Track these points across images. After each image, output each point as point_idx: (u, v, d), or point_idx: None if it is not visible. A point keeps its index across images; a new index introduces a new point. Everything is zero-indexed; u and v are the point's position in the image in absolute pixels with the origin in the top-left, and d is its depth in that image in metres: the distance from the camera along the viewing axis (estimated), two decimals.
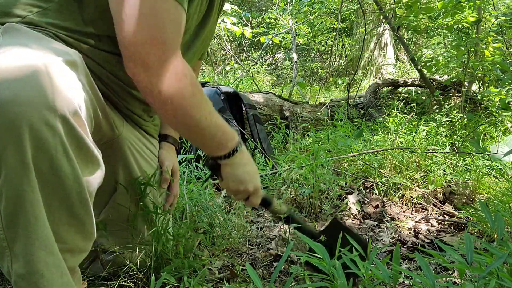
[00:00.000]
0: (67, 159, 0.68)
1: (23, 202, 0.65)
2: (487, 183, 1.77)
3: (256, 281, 0.74)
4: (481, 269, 0.73)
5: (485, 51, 3.07)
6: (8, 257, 0.67)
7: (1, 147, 0.63)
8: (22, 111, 0.62)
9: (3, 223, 0.66)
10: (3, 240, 0.66)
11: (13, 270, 0.67)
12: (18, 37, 0.75)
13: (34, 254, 0.67)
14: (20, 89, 0.63)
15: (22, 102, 0.62)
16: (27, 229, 0.66)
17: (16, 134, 0.62)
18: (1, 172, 0.64)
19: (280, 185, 1.82)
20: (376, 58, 6.97)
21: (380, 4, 3.46)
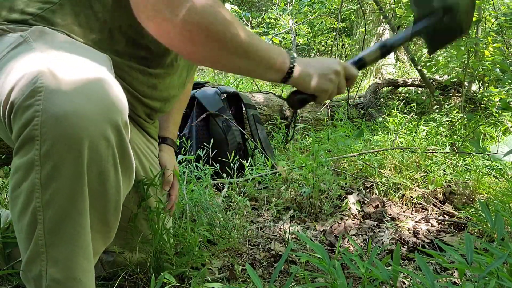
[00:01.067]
0: (115, 170, 0.70)
1: (74, 211, 0.66)
2: (487, 183, 1.77)
3: (256, 281, 0.74)
4: (481, 269, 0.73)
5: (485, 51, 3.07)
6: (43, 261, 0.67)
7: (59, 158, 0.63)
8: (84, 124, 0.63)
9: (45, 229, 0.66)
10: (42, 245, 0.67)
11: (47, 274, 0.68)
12: (53, 43, 0.74)
13: (74, 261, 0.68)
14: (80, 101, 0.63)
15: (83, 115, 0.63)
16: (72, 237, 0.67)
17: (77, 147, 0.63)
18: (55, 181, 0.64)
19: (280, 185, 1.82)
20: None
21: (380, 4, 3.46)
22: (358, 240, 1.43)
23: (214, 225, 1.37)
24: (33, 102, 0.62)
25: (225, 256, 1.26)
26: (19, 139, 0.64)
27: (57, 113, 0.62)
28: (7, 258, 1.07)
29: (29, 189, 0.65)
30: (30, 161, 0.64)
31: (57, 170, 0.64)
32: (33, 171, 0.64)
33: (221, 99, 2.24)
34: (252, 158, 2.24)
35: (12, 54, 0.72)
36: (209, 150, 1.92)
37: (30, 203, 0.66)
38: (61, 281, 0.68)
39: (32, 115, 0.62)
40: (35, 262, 0.68)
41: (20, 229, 0.69)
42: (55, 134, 0.62)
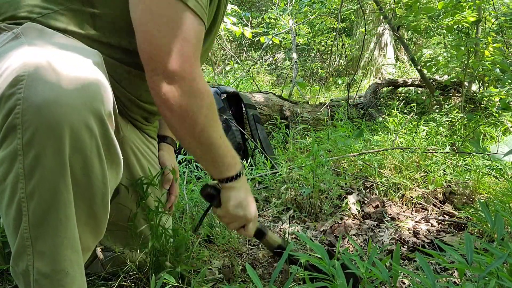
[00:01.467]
0: (99, 160, 0.69)
1: (57, 202, 0.66)
2: (487, 183, 1.77)
3: (256, 281, 0.74)
4: (481, 269, 0.73)
5: (485, 51, 3.07)
6: (29, 255, 0.67)
7: (41, 147, 0.63)
8: (64, 112, 0.63)
9: (29, 221, 0.66)
10: (27, 239, 0.66)
11: (34, 269, 0.67)
12: (43, 37, 0.75)
13: (61, 253, 0.68)
14: (62, 89, 0.63)
15: (64, 103, 0.63)
16: (57, 228, 0.66)
17: (58, 135, 0.63)
18: (37, 171, 0.64)
19: (280, 185, 1.82)
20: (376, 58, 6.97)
21: (380, 4, 3.46)
22: (358, 240, 1.43)
23: (214, 225, 1.37)
24: (15, 91, 0.62)
25: (225, 256, 1.26)
26: (3, 129, 0.63)
27: (38, 101, 0.61)
28: (7, 257, 1.07)
29: (13, 180, 0.64)
30: (13, 151, 0.63)
31: (39, 159, 0.63)
32: (16, 161, 0.63)
33: (221, 99, 2.24)
34: (252, 158, 2.24)
35: (2, 50, 0.73)
36: None
37: (15, 195, 0.65)
38: (48, 274, 0.67)
39: (14, 104, 0.62)
40: (21, 257, 0.67)
41: (8, 223, 0.68)
42: (36, 122, 0.62)
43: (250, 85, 5.31)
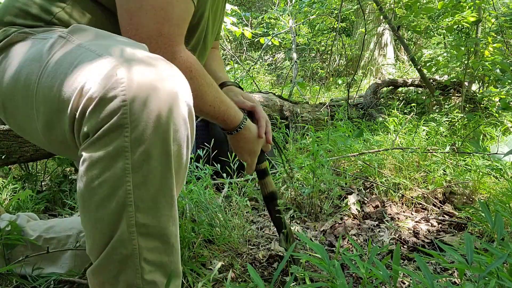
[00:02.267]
0: (187, 149, 0.75)
1: (164, 186, 0.71)
2: (487, 183, 1.77)
3: (258, 281, 0.74)
4: (481, 269, 0.73)
5: (485, 51, 3.07)
6: (134, 239, 0.70)
7: (150, 142, 0.67)
8: (169, 108, 0.68)
9: (135, 209, 0.69)
10: (133, 225, 0.70)
11: (141, 249, 0.71)
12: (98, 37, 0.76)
13: (168, 229, 0.74)
14: (162, 88, 0.67)
15: (167, 99, 0.67)
16: (164, 208, 0.72)
17: (165, 129, 0.68)
18: (146, 163, 0.68)
19: (280, 185, 1.82)
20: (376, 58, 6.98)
21: (380, 4, 3.46)
22: (358, 240, 1.43)
23: (214, 225, 1.37)
24: (118, 93, 0.65)
25: (225, 256, 1.26)
26: (101, 131, 0.66)
27: (144, 100, 0.66)
28: (8, 259, 1.07)
29: (117, 176, 0.67)
30: (117, 149, 0.66)
31: (149, 153, 0.68)
32: (121, 158, 0.67)
33: None
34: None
35: (61, 55, 0.74)
36: (209, 150, 1.92)
37: (118, 189, 0.68)
38: (157, 247, 0.73)
39: (119, 104, 0.65)
40: (124, 244, 0.70)
41: (99, 218, 0.70)
42: (145, 120, 0.66)
43: (250, 85, 5.32)
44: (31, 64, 0.77)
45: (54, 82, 0.72)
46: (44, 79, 0.74)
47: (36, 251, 1.08)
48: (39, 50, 0.77)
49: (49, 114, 0.74)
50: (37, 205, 1.63)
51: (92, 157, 0.67)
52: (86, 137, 0.68)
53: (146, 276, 0.73)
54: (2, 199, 1.63)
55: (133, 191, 0.68)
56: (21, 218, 1.15)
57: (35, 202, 1.64)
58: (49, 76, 0.73)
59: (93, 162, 0.68)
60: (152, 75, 0.67)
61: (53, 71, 0.73)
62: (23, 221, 1.13)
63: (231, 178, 1.84)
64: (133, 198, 0.69)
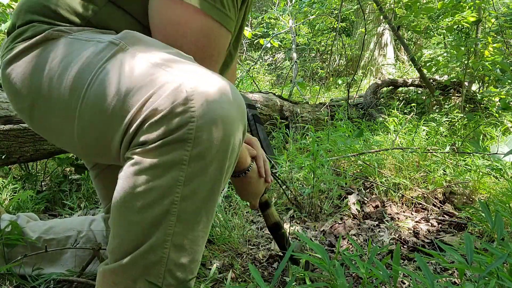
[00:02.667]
0: (233, 165, 0.77)
1: (209, 202, 0.73)
2: (487, 183, 1.77)
3: (259, 281, 0.74)
4: (481, 269, 0.73)
5: (485, 51, 3.07)
6: (166, 248, 0.71)
7: (209, 159, 0.69)
8: (232, 128, 0.70)
9: (177, 219, 0.70)
10: (169, 234, 0.70)
11: (169, 260, 0.72)
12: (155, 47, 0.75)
13: (200, 246, 0.75)
14: (228, 107, 0.69)
15: (231, 120, 0.70)
16: (202, 224, 0.73)
17: (225, 149, 0.70)
18: (198, 178, 0.69)
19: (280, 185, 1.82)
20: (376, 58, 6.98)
21: (380, 4, 3.46)
22: (358, 240, 1.43)
23: (214, 225, 1.37)
24: (187, 109, 0.66)
25: (225, 256, 1.26)
26: (161, 141, 0.67)
27: (213, 119, 0.67)
28: (8, 259, 1.07)
29: (167, 185, 0.68)
30: (175, 160, 0.67)
31: (205, 169, 0.70)
32: (175, 169, 0.68)
33: None
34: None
35: (117, 64, 0.72)
36: None
37: (165, 198, 0.69)
38: (184, 265, 0.74)
39: (186, 120, 0.66)
40: (155, 250, 0.71)
41: (135, 221, 0.70)
42: (211, 139, 0.68)
43: (250, 85, 5.32)
44: (79, 67, 0.74)
45: (108, 90, 0.70)
46: (96, 86, 0.71)
47: (35, 251, 1.08)
48: (87, 54, 0.74)
49: (97, 120, 0.72)
50: (37, 205, 1.63)
51: (145, 161, 0.68)
52: (140, 145, 0.68)
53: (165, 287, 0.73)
54: (2, 199, 1.63)
55: (180, 202, 0.69)
56: (21, 219, 1.15)
57: (35, 202, 1.64)
58: (102, 83, 0.71)
59: (145, 167, 0.68)
60: (219, 96, 0.69)
61: (107, 79, 0.71)
62: (23, 222, 1.13)
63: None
64: (178, 209, 0.70)
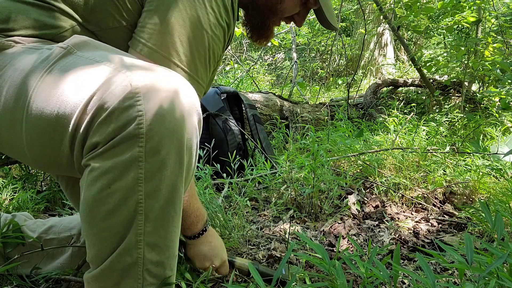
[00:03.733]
0: (195, 158, 0.76)
1: (174, 197, 0.72)
2: (487, 183, 1.77)
3: (259, 281, 0.74)
4: (481, 269, 0.73)
5: (485, 51, 3.07)
6: (140, 248, 0.71)
7: (166, 152, 0.68)
8: (183, 118, 0.69)
9: (145, 218, 0.70)
10: (140, 234, 0.70)
11: (145, 260, 0.71)
12: (102, 48, 0.76)
13: (173, 241, 0.75)
14: (176, 98, 0.68)
15: (181, 110, 0.68)
16: (172, 219, 0.73)
17: (180, 140, 0.69)
18: (159, 173, 0.68)
19: (280, 185, 1.82)
20: (376, 58, 6.98)
21: (380, 4, 3.46)
22: (358, 240, 1.43)
23: (214, 225, 1.37)
24: (133, 103, 0.65)
25: None
26: (113, 140, 0.66)
27: (160, 111, 0.66)
28: (7, 259, 1.07)
29: (129, 185, 0.67)
30: (130, 159, 0.66)
31: (163, 163, 0.68)
32: (133, 168, 0.67)
33: (221, 99, 2.24)
34: (252, 158, 2.24)
35: (62, 65, 0.71)
36: (209, 150, 1.92)
37: (129, 198, 0.68)
38: (161, 262, 0.73)
39: (135, 114, 0.65)
40: (130, 252, 0.70)
41: (106, 227, 0.69)
42: (162, 131, 0.67)
43: (250, 85, 5.32)
44: (24, 74, 0.73)
45: (52, 93, 0.69)
46: (40, 90, 0.70)
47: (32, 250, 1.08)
48: (34, 60, 0.74)
49: (43, 126, 0.71)
50: (37, 205, 1.63)
51: (103, 167, 0.67)
52: (93, 148, 0.67)
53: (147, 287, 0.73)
54: (2, 199, 1.63)
55: (145, 200, 0.69)
56: (18, 218, 1.14)
57: (35, 202, 1.64)
58: (47, 87, 0.70)
59: (103, 172, 0.67)
60: (166, 86, 0.68)
61: (52, 82, 0.70)
62: (20, 221, 1.13)
63: (231, 178, 1.84)
64: (144, 207, 0.69)
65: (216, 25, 0.86)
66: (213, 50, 0.86)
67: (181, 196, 0.73)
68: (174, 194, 0.71)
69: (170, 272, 0.76)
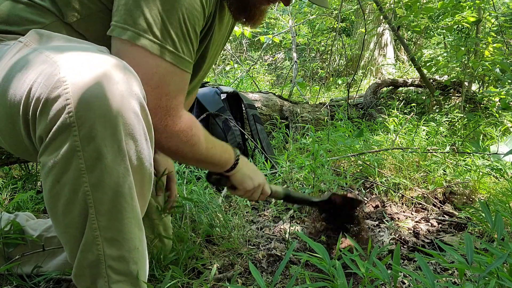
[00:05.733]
0: (146, 143, 0.73)
1: (122, 186, 0.69)
2: (487, 183, 1.77)
3: (259, 280, 0.74)
4: (481, 269, 0.73)
5: (485, 51, 3.07)
6: (99, 244, 0.69)
7: (100, 139, 0.65)
8: (114, 102, 0.66)
9: (96, 211, 0.68)
10: (95, 229, 0.68)
11: (106, 256, 0.70)
12: (54, 40, 0.76)
13: (131, 232, 0.72)
14: (105, 82, 0.66)
15: (111, 93, 0.66)
16: (125, 210, 0.70)
17: (113, 124, 0.66)
18: (99, 162, 0.66)
19: (280, 185, 1.82)
20: (376, 58, 6.98)
21: (380, 4, 3.46)
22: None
23: (214, 225, 1.37)
24: (61, 92, 0.64)
25: (225, 256, 1.26)
26: (51, 133, 0.65)
27: (87, 97, 0.64)
28: (8, 258, 1.07)
29: (74, 177, 0.66)
30: (69, 150, 0.65)
31: (100, 150, 0.66)
32: (74, 158, 0.65)
33: (221, 99, 2.24)
34: (252, 158, 2.24)
35: (16, 59, 0.73)
36: None
37: (77, 191, 0.67)
38: (122, 256, 0.71)
39: (63, 104, 0.64)
40: (90, 249, 0.69)
41: (68, 223, 0.69)
42: (92, 116, 0.64)
43: (250, 85, 5.31)
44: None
45: (6, 88, 0.70)
46: (1, 84, 0.72)
47: (35, 249, 1.08)
48: (1, 55, 0.77)
49: (5, 120, 0.73)
50: (37, 205, 1.63)
51: (48, 161, 0.66)
52: (41, 141, 0.67)
53: (113, 286, 0.72)
54: (2, 199, 1.63)
55: (91, 192, 0.67)
56: (20, 218, 1.15)
57: (35, 202, 1.64)
58: (3, 82, 0.71)
59: (50, 167, 0.66)
60: (96, 72, 0.66)
61: (6, 77, 0.71)
62: (22, 221, 1.13)
63: None
64: (92, 199, 0.67)
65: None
66: (190, 21, 0.82)
67: (130, 186, 0.70)
68: (119, 184, 0.68)
69: (135, 266, 0.74)
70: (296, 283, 1.08)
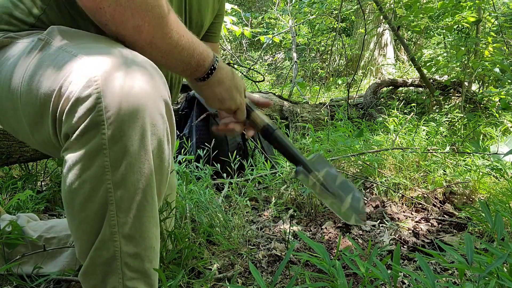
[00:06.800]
0: (168, 144, 0.74)
1: (144, 185, 0.70)
2: (487, 183, 1.77)
3: (259, 280, 0.74)
4: (481, 269, 0.73)
5: (485, 51, 3.07)
6: (116, 241, 0.70)
7: (127, 138, 0.66)
8: (143, 102, 0.67)
9: (117, 207, 0.69)
10: (114, 225, 0.69)
11: (122, 253, 0.71)
12: (76, 38, 0.76)
13: (149, 231, 0.73)
14: (135, 82, 0.67)
15: (141, 94, 0.67)
16: (144, 209, 0.71)
17: (141, 124, 0.67)
18: (125, 160, 0.67)
19: (280, 185, 1.82)
20: (376, 58, 6.98)
21: (380, 4, 3.46)
22: (358, 240, 1.43)
23: (214, 225, 1.37)
24: (92, 91, 0.64)
25: (225, 256, 1.26)
26: (79, 130, 0.66)
27: (118, 97, 0.65)
28: (8, 259, 1.07)
29: (96, 174, 0.67)
30: (95, 147, 0.66)
31: (126, 149, 0.67)
32: (99, 156, 0.66)
33: None
34: (252, 158, 2.24)
35: (40, 58, 0.74)
36: (209, 150, 1.92)
37: (98, 188, 0.67)
38: (138, 254, 0.72)
39: (94, 103, 0.64)
40: (106, 245, 0.70)
41: (83, 219, 0.70)
42: (121, 116, 0.65)
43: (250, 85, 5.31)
44: (14, 68, 0.77)
45: (33, 86, 0.71)
46: (25, 83, 0.73)
47: (35, 250, 1.08)
48: (20, 54, 0.77)
49: (33, 117, 0.74)
50: (37, 205, 1.63)
51: (72, 157, 0.67)
52: (67, 138, 0.68)
53: (128, 283, 0.72)
54: (2, 199, 1.63)
55: (114, 189, 0.68)
56: (21, 219, 1.15)
57: (35, 202, 1.64)
58: (29, 80, 0.73)
59: (73, 163, 0.67)
60: (126, 72, 0.67)
61: (32, 75, 0.73)
62: (23, 222, 1.14)
63: (231, 178, 1.84)
64: (114, 197, 0.68)
65: None
66: None
67: (152, 185, 0.71)
68: (142, 182, 0.70)
69: (149, 265, 0.74)
70: (296, 283, 1.08)
